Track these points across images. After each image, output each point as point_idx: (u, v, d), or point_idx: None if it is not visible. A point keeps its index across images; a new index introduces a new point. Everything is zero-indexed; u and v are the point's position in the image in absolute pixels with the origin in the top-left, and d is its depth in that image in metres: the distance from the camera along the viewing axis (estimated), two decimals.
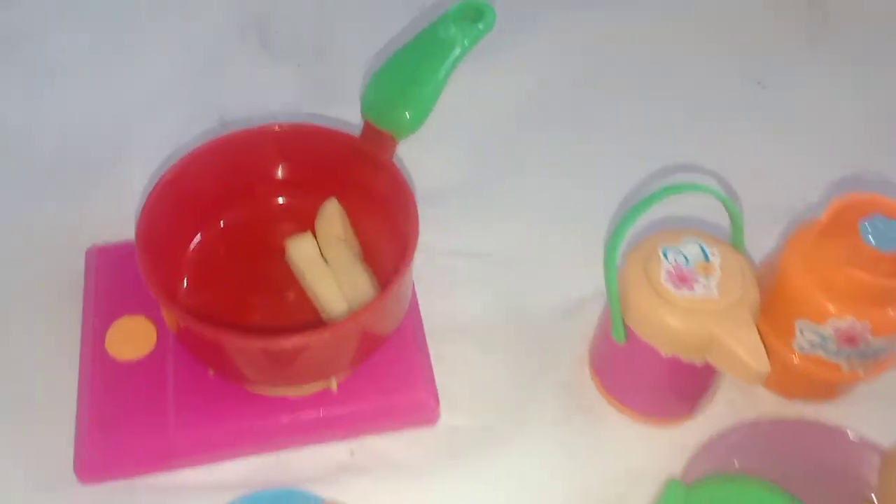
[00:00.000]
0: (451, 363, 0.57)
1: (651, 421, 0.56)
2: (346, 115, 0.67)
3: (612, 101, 0.73)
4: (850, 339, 0.51)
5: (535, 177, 0.68)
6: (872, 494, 0.52)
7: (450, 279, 0.62)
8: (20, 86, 0.71)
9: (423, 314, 0.58)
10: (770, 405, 0.57)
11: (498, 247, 0.64)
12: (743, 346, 0.48)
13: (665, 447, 0.54)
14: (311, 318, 0.54)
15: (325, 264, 0.54)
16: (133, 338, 0.54)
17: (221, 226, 0.57)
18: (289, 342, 0.46)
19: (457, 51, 0.53)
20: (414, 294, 0.58)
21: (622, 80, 0.75)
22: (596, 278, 0.60)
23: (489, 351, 0.58)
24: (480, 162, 0.69)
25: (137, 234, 0.49)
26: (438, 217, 0.63)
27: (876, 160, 0.69)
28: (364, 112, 0.54)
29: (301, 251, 0.54)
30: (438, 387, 0.55)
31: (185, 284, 0.55)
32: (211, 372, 0.52)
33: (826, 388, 0.56)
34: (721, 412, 0.56)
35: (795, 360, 0.53)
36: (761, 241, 0.60)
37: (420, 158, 0.66)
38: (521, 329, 0.60)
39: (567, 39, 0.77)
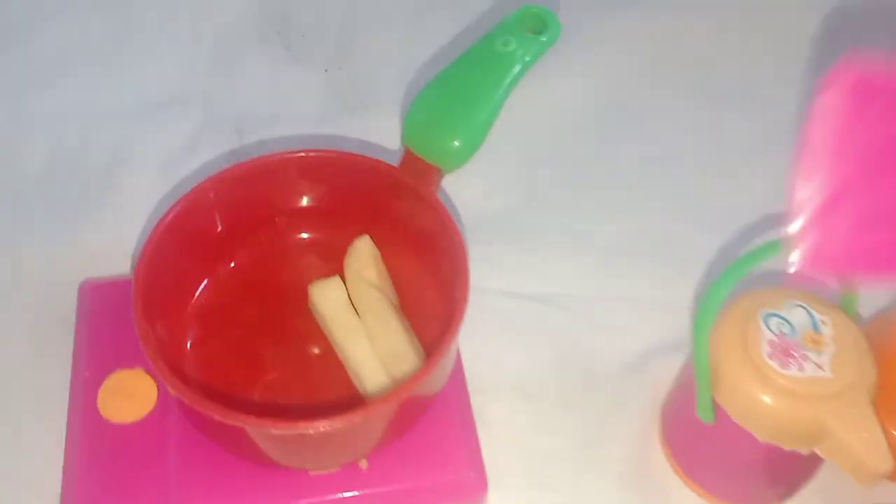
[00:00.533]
0: (498, 429, 0.49)
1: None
2: (380, 131, 0.59)
3: (690, 115, 0.63)
4: None
5: (600, 205, 0.59)
6: None
7: (498, 326, 0.53)
8: (4, 89, 0.62)
9: (466, 369, 0.50)
10: (874, 492, 0.48)
11: (555, 288, 0.55)
12: (860, 441, 0.40)
13: None
14: (338, 378, 0.46)
15: (357, 318, 0.46)
16: (130, 395, 0.46)
17: (232, 267, 0.49)
18: (311, 428, 0.38)
19: (516, 68, 0.45)
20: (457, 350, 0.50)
21: (701, 91, 0.65)
22: (671, 327, 0.53)
23: (543, 414, 0.50)
24: (534, 187, 0.60)
25: (135, 285, 0.41)
26: (485, 252, 0.55)
27: None
28: (405, 139, 0.46)
29: (328, 300, 0.46)
30: (484, 457, 0.47)
31: (189, 341, 0.47)
32: None
33: None
34: (812, 498, 0.48)
35: None
36: (868, 296, 0.51)
37: (463, 182, 0.57)
38: (581, 387, 0.51)
39: (633, 43, 0.68)
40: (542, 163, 0.61)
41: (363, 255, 0.48)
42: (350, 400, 0.43)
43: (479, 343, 0.51)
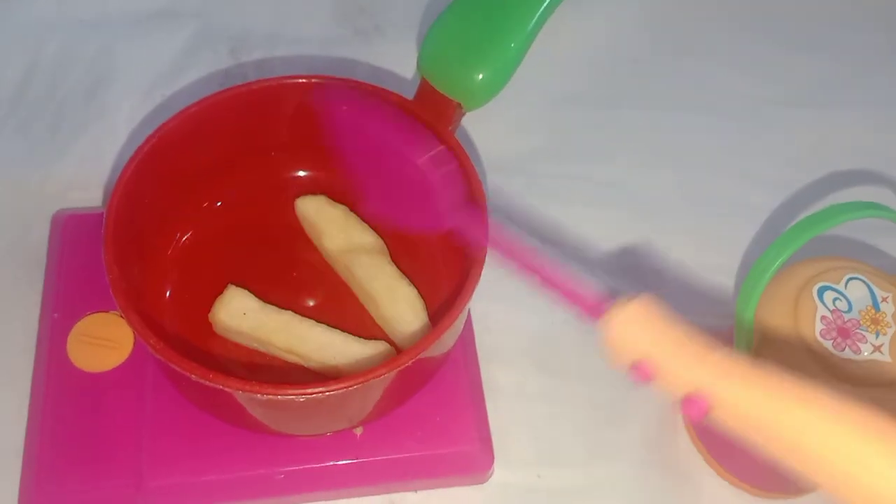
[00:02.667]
0: (508, 398, 0.44)
1: (754, 492, 0.43)
2: (394, 58, 0.53)
3: (722, 61, 0.57)
4: None
5: (634, 153, 0.54)
6: None
7: (512, 286, 0.47)
8: None
9: (475, 333, 0.45)
10: None
11: (578, 245, 0.50)
12: None
13: None
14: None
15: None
16: (103, 342, 0.42)
17: (218, 206, 0.44)
18: (302, 394, 0.33)
19: None
20: (469, 317, 0.45)
21: (734, 36, 0.59)
22: (709, 293, 0.48)
23: (558, 382, 0.46)
24: (560, 130, 0.54)
25: (106, 222, 0.36)
26: (502, 202, 0.50)
27: None
28: (422, 69, 0.40)
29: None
30: (492, 428, 0.43)
31: (169, 291, 0.42)
32: None
33: None
34: None
35: None
36: None
37: (483, 123, 0.51)
38: (601, 357, 0.47)
39: None
40: (570, 103, 0.55)
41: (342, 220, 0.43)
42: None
43: (490, 304, 0.46)
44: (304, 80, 0.41)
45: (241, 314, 0.39)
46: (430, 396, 0.41)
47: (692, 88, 0.56)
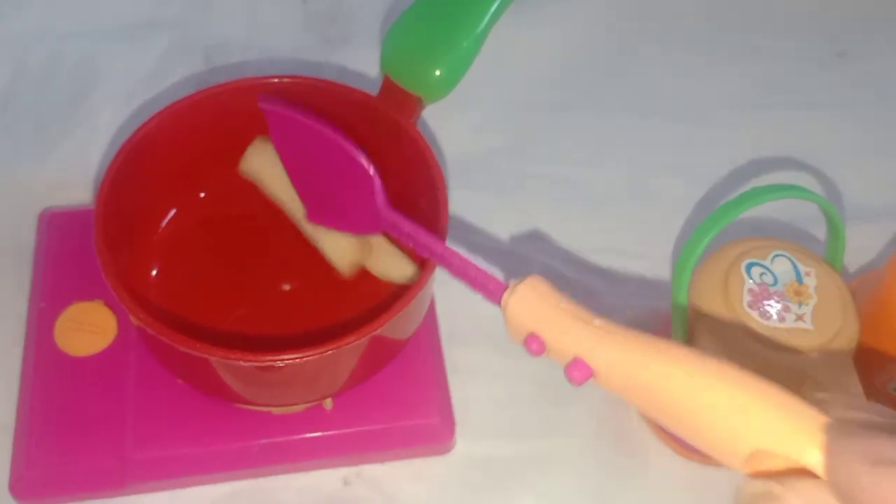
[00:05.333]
0: (469, 375, 0.48)
1: (703, 460, 0.47)
2: (360, 64, 0.57)
3: (670, 66, 0.61)
4: None
5: (578, 153, 0.57)
6: None
7: None
8: None
9: (440, 316, 0.48)
10: None
11: (534, 234, 0.54)
12: (839, 395, 0.39)
13: (717, 491, 0.45)
14: (309, 315, 0.44)
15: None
16: (88, 328, 0.44)
17: (202, 197, 0.47)
18: (278, 360, 0.36)
19: None
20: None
21: (681, 43, 0.63)
22: (653, 278, 0.51)
23: (516, 361, 0.48)
24: (518, 131, 0.58)
25: (96, 208, 0.39)
26: (465, 197, 0.53)
27: None
28: (384, 65, 0.44)
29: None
30: (453, 405, 0.46)
31: (155, 270, 0.45)
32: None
33: None
34: None
35: (891, 402, 0.44)
36: (855, 251, 0.50)
37: (445, 125, 0.55)
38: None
39: None
40: (527, 107, 0.59)
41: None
42: (321, 337, 0.41)
43: (454, 290, 0.49)
44: (276, 80, 0.44)
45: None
46: (395, 373, 0.44)
47: (639, 92, 0.60)
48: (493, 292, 0.34)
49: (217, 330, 0.43)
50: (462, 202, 0.53)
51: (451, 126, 0.56)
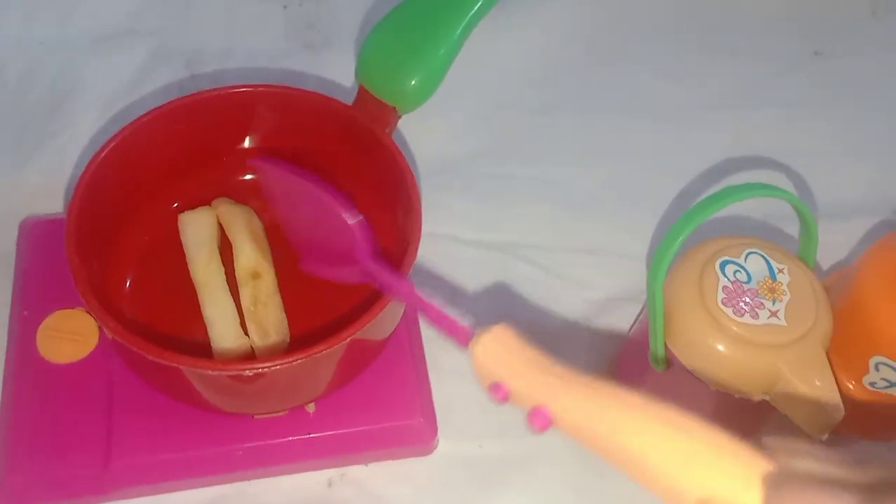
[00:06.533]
0: (451, 376, 0.48)
1: None
2: (339, 69, 0.57)
3: (648, 68, 0.62)
4: None
5: (558, 155, 0.58)
6: None
7: (453, 273, 0.52)
8: None
9: (421, 320, 0.49)
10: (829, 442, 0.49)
11: (514, 236, 0.54)
12: (813, 387, 0.40)
13: None
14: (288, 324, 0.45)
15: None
16: (69, 336, 0.45)
17: (175, 207, 0.47)
18: (252, 368, 0.37)
19: (478, 3, 0.42)
20: None
21: (659, 44, 0.64)
22: (630, 277, 0.52)
23: None
24: (495, 134, 0.58)
25: (68, 219, 0.39)
26: (443, 199, 0.54)
27: None
28: (359, 76, 0.44)
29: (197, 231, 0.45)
30: (436, 406, 0.46)
31: (129, 281, 0.46)
32: None
33: (891, 429, 0.48)
34: None
35: (864, 398, 0.45)
36: (828, 248, 0.51)
37: (424, 128, 0.55)
38: (536, 335, 0.50)
39: None
40: (504, 109, 0.59)
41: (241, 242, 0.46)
42: (295, 344, 0.42)
43: (435, 290, 0.50)
44: (249, 89, 0.45)
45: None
46: (377, 375, 0.45)
47: (620, 93, 0.61)
48: (461, 340, 0.35)
49: (191, 340, 0.44)
50: (438, 205, 0.53)
51: (431, 129, 0.56)
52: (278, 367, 0.36)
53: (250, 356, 0.42)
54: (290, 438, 0.43)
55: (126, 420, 0.43)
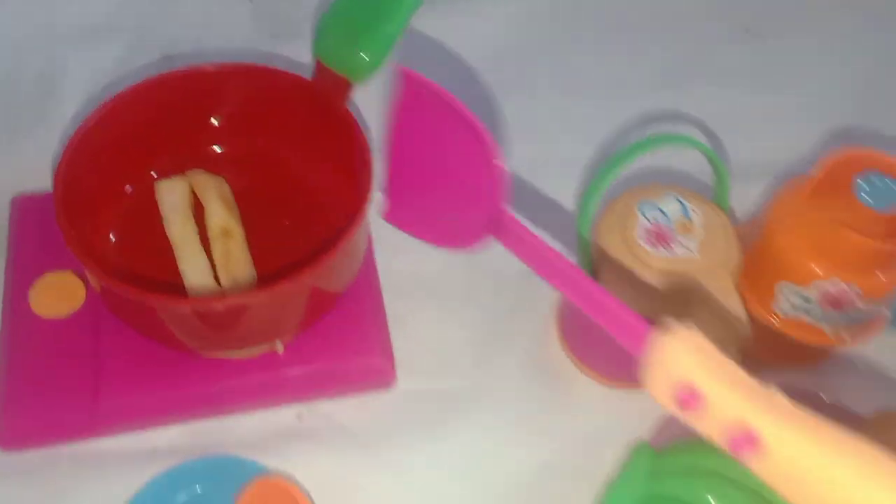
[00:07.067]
0: (409, 323, 0.53)
1: (620, 385, 0.52)
2: (303, 55, 0.62)
3: (589, 47, 0.68)
4: (836, 303, 0.47)
5: (509, 126, 0.63)
6: None
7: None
8: None
9: (381, 274, 0.54)
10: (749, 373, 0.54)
11: None
12: (722, 312, 0.45)
13: (634, 413, 0.50)
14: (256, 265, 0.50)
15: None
16: (59, 294, 0.49)
17: (154, 177, 0.52)
18: (222, 303, 0.42)
19: None
20: (370, 251, 0.54)
21: (601, 25, 0.69)
22: (569, 235, 0.57)
23: (450, 311, 0.54)
24: None
25: (55, 184, 0.44)
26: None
27: (871, 114, 0.65)
28: (316, 51, 0.49)
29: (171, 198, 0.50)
30: (395, 348, 0.51)
31: (112, 240, 0.50)
32: None
33: (806, 355, 0.53)
34: None
35: (776, 324, 0.50)
36: (745, 199, 0.56)
37: (381, 104, 0.61)
38: (486, 288, 0.56)
39: None
40: (454, 89, 0.64)
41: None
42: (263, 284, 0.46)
43: (394, 251, 0.55)
44: (216, 68, 0.50)
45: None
46: (340, 319, 0.49)
47: (562, 72, 0.66)
48: (634, 330, 0.32)
49: (169, 283, 0.48)
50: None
51: (382, 104, 0.61)
52: (244, 301, 0.41)
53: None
54: (262, 376, 0.48)
55: (111, 365, 0.47)
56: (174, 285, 0.48)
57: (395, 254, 0.55)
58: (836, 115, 0.65)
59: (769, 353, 0.53)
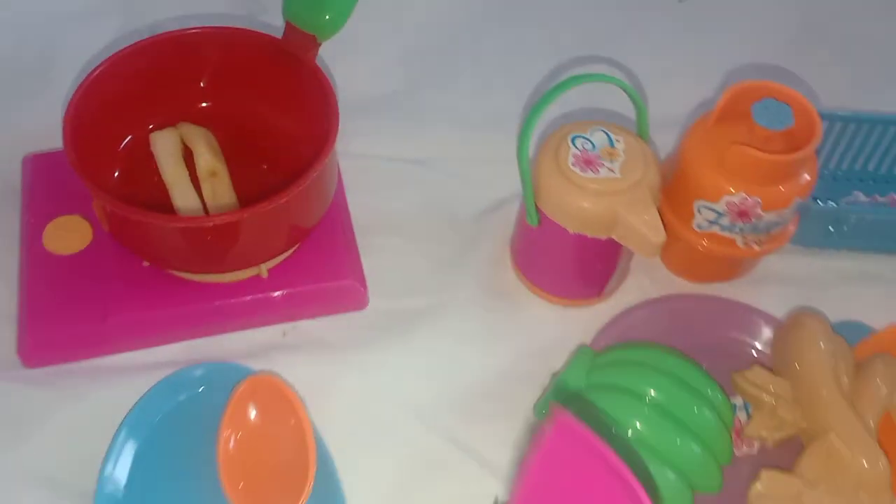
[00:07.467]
0: (379, 254, 0.60)
1: (565, 302, 0.60)
2: (275, 29, 0.69)
3: (534, 15, 0.75)
4: (742, 214, 0.55)
5: (461, 87, 0.71)
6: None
7: (380, 182, 0.65)
8: None
9: (353, 213, 0.61)
10: (676, 289, 0.61)
11: (426, 153, 0.67)
12: (641, 220, 0.52)
13: (578, 325, 0.58)
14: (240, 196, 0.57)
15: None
16: (69, 234, 0.56)
17: (151, 128, 0.59)
18: (212, 220, 0.49)
19: None
20: (342, 192, 0.61)
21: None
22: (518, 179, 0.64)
23: (415, 243, 0.62)
24: (412, 74, 0.71)
25: (65, 125, 0.51)
26: (370, 126, 0.66)
27: (774, 51, 0.73)
28: (286, 13, 0.56)
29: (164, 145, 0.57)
30: (368, 275, 0.58)
31: (117, 172, 0.57)
32: (145, 263, 0.55)
33: (726, 267, 0.61)
34: (631, 296, 0.60)
35: (694, 238, 0.57)
36: (670, 136, 0.64)
37: (352, 69, 0.68)
38: (447, 224, 0.63)
39: None
40: (416, 53, 0.72)
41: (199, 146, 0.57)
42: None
43: (364, 196, 0.63)
44: (199, 30, 0.57)
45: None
46: (316, 248, 0.57)
47: (512, 37, 0.74)
48: None
49: (166, 208, 0.55)
50: (367, 130, 0.66)
51: (356, 73, 0.69)
52: (229, 219, 0.49)
53: None
54: (250, 298, 0.55)
55: (117, 290, 0.54)
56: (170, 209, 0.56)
57: (364, 196, 0.63)
58: (747, 54, 0.73)
59: (695, 270, 0.61)
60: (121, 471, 0.48)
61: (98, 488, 0.47)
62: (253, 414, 0.48)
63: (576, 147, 0.54)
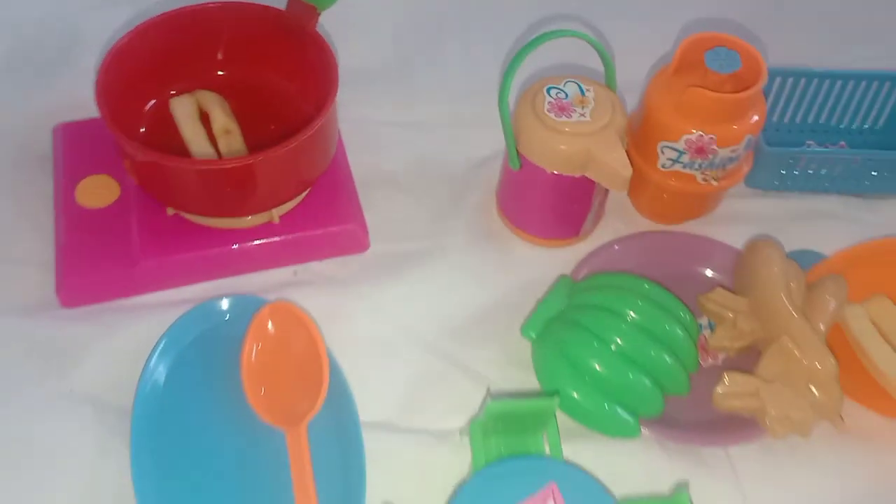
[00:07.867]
0: (378, 205, 0.67)
1: (546, 243, 0.66)
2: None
3: None
4: (700, 151, 0.61)
5: (454, 60, 0.78)
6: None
7: (378, 142, 0.71)
8: None
9: (353, 171, 0.67)
10: (647, 230, 0.68)
11: (418, 117, 0.74)
12: (611, 157, 0.59)
13: (558, 262, 0.64)
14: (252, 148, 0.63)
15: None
16: (99, 191, 0.63)
17: (172, 94, 0.65)
18: (230, 163, 0.55)
19: None
20: (343, 152, 0.67)
21: None
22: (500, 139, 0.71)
23: (411, 195, 0.69)
24: (404, 48, 0.78)
25: (97, 86, 0.57)
26: (370, 95, 0.73)
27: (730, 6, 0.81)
28: None
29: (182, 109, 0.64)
30: (368, 223, 0.65)
31: (144, 126, 0.64)
32: (169, 212, 0.61)
33: (690, 207, 0.67)
34: (606, 237, 0.67)
35: (660, 178, 0.64)
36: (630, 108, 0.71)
37: (349, 44, 0.75)
38: (439, 178, 0.70)
39: None
40: (410, 28, 0.79)
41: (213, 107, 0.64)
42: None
43: (363, 153, 0.69)
44: (213, 5, 0.63)
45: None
46: (322, 198, 0.63)
47: (495, 16, 0.80)
48: None
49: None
50: (364, 99, 0.72)
51: (353, 50, 0.75)
52: (245, 162, 0.55)
53: None
54: (264, 241, 0.61)
55: (144, 237, 0.60)
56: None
57: (363, 155, 0.69)
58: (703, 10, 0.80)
59: (663, 212, 0.67)
60: (154, 388, 0.54)
61: (136, 403, 0.53)
62: (272, 329, 0.54)
63: (551, 96, 0.61)
